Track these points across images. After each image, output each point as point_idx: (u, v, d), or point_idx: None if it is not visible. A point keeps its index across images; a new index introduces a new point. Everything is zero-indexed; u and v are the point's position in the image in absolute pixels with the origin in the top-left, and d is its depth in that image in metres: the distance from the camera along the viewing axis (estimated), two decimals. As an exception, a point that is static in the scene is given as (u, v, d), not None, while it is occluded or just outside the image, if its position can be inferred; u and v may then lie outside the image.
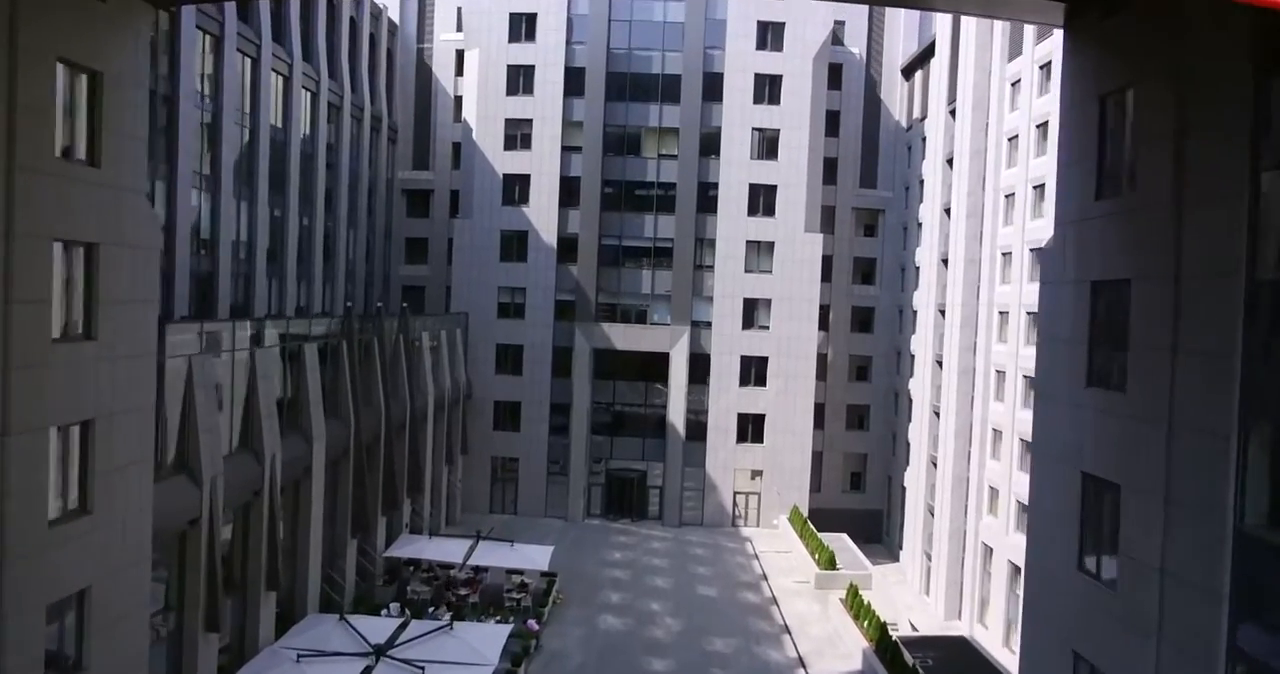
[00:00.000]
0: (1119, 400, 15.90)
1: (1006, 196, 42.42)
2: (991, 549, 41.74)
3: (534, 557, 36.71)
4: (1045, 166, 38.10)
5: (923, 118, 54.35)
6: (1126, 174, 16.42)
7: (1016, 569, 38.82)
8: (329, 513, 32.51)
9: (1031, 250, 39.40)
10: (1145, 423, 14.83)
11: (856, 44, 57.23)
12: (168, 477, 21.84)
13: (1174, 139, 14.41)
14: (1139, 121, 15.94)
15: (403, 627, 27.36)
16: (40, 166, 15.14)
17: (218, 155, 36.41)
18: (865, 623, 35.02)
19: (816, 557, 43.59)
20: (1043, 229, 38.03)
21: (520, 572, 38.39)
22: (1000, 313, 42.44)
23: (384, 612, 33.22)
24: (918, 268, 53.44)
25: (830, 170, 55.43)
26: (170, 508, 21.37)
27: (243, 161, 38.74)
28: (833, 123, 55.33)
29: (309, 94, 44.93)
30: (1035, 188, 39.50)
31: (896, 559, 53.56)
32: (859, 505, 57.62)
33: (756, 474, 52.71)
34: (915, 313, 53.41)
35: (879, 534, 57.29)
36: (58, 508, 16.15)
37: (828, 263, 54.18)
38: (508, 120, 52.10)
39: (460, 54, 55.82)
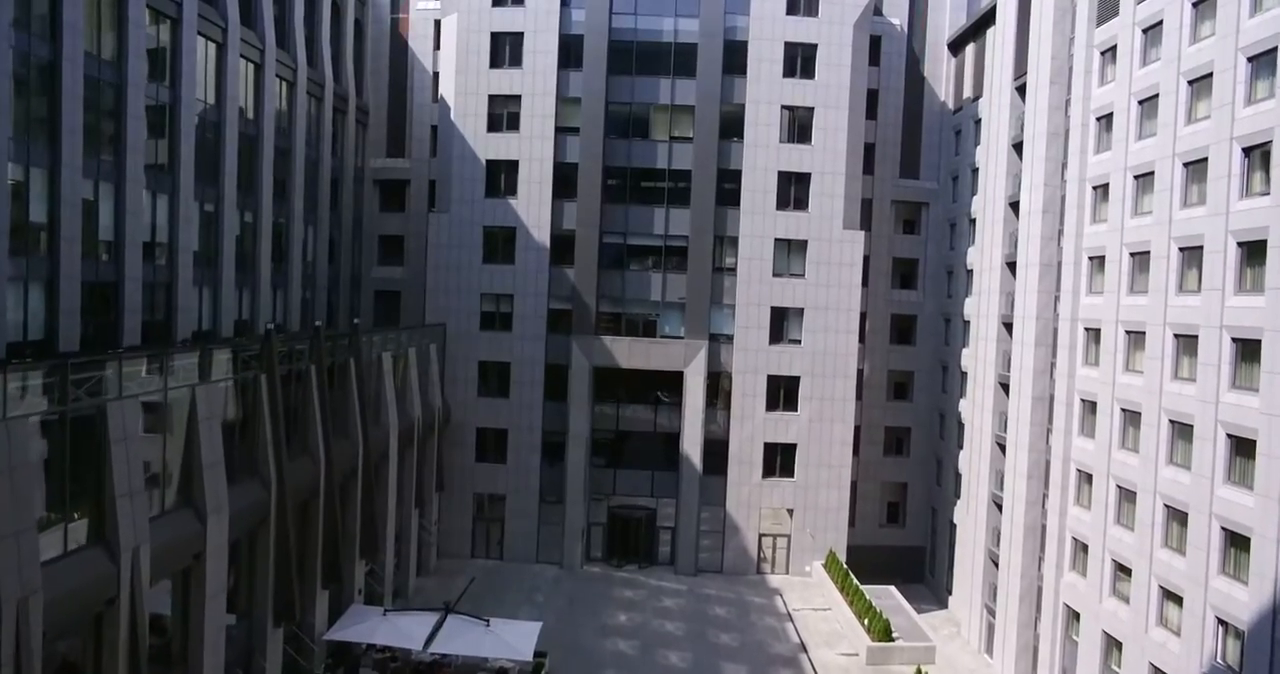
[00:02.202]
0: None
1: (1096, 188, 34.84)
2: (1078, 614, 34.37)
3: (515, 640, 29.13)
4: (1154, 150, 30.58)
5: (975, 97, 46.84)
6: None
7: (1115, 643, 31.66)
8: (243, 598, 25.08)
9: (1133, 254, 31.88)
10: None
11: (897, 14, 49.61)
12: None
13: None
14: None
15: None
16: None
17: (122, 136, 29.19)
18: (938, 730, 27.52)
19: (867, 623, 36.08)
20: (1148, 228, 30.60)
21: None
22: (1087, 330, 34.91)
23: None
24: (969, 271, 46.01)
25: (867, 158, 47.94)
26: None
27: (158, 145, 31.41)
28: (870, 103, 47.71)
29: (251, 66, 37.63)
30: (1138, 177, 31.89)
31: (943, 603, 46.42)
32: (898, 541, 50.54)
33: (786, 513, 45.10)
34: (966, 323, 45.95)
35: (920, 574, 50.06)
36: None
37: (864, 264, 46.45)
38: (491, 97, 44.34)
39: (439, 25, 48.25)
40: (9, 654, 15.76)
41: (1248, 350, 25.80)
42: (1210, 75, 28.09)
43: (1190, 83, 29.31)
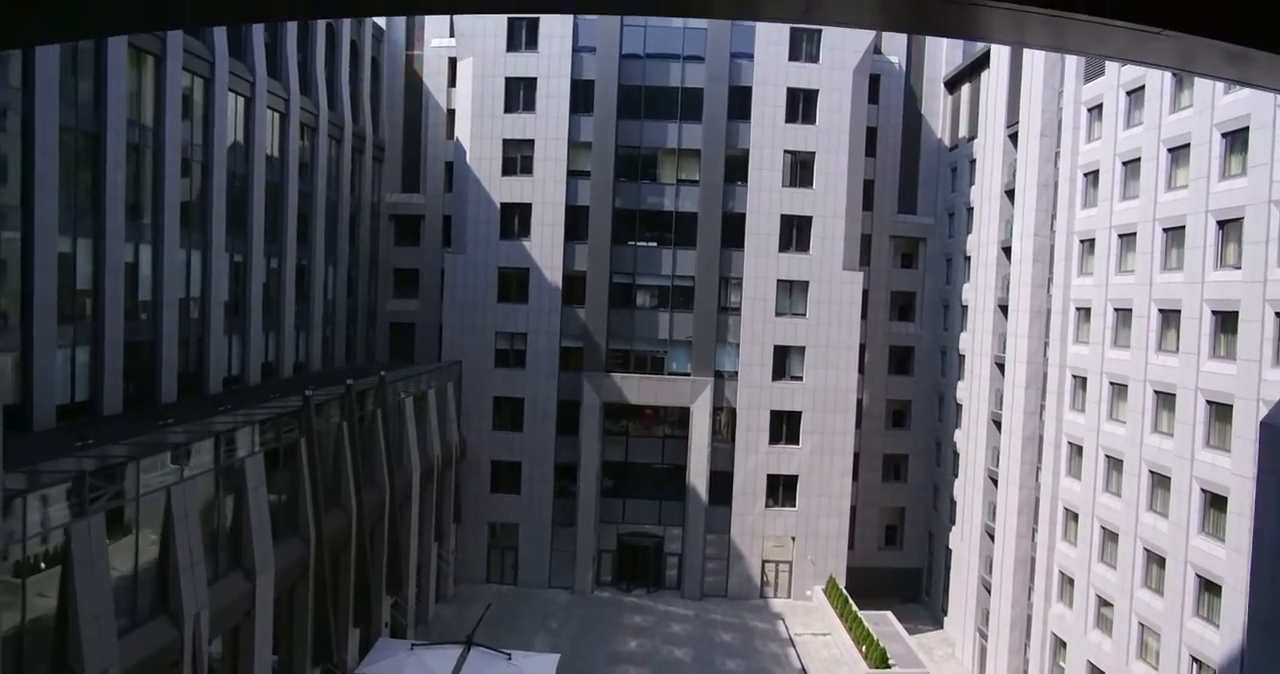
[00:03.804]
0: None
1: (1084, 242, 36.48)
2: (1065, 643, 36.24)
3: (535, 673, 30.98)
4: (1136, 213, 32.21)
5: (971, 137, 48.43)
6: None
7: (1099, 673, 33.42)
8: (284, 640, 26.91)
9: (1116, 310, 33.58)
10: None
11: (895, 52, 51.16)
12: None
13: None
14: None
15: None
16: None
17: (160, 198, 30.60)
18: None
19: (864, 650, 37.94)
20: (1130, 286, 32.25)
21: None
22: (1075, 377, 36.63)
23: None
24: (964, 306, 47.61)
25: (866, 194, 49.47)
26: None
27: (193, 203, 33.01)
28: (869, 141, 49.27)
29: (277, 116, 39.26)
30: (1122, 237, 33.53)
31: (939, 623, 48.23)
32: (896, 563, 52.27)
33: (788, 540, 46.95)
34: (962, 357, 47.63)
35: (917, 594, 51.85)
36: None
37: (863, 297, 48.10)
38: (506, 141, 45.93)
39: (453, 62, 49.89)
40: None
41: (1221, 412, 27.44)
42: (1188, 146, 29.59)
43: (1170, 150, 30.78)
